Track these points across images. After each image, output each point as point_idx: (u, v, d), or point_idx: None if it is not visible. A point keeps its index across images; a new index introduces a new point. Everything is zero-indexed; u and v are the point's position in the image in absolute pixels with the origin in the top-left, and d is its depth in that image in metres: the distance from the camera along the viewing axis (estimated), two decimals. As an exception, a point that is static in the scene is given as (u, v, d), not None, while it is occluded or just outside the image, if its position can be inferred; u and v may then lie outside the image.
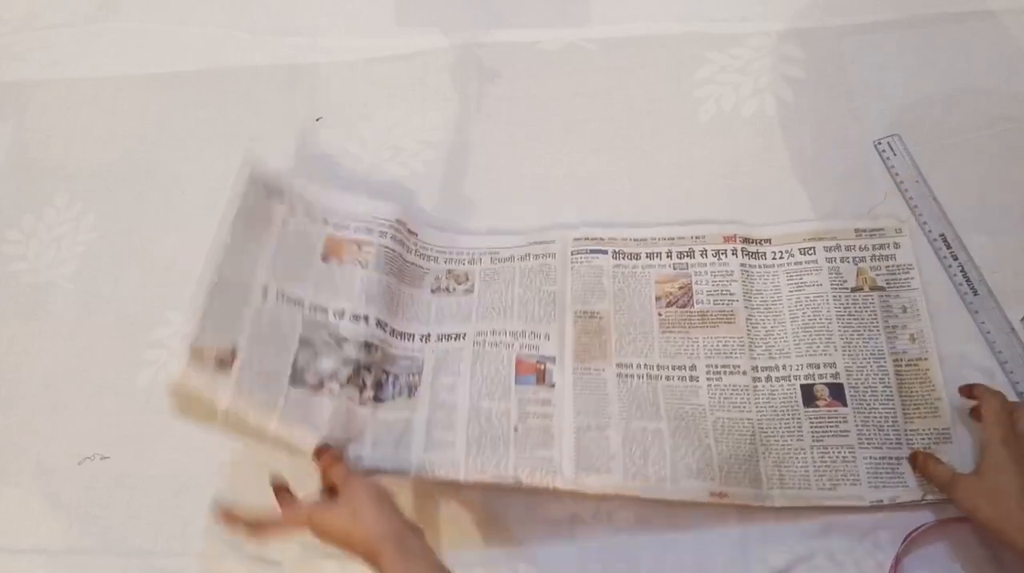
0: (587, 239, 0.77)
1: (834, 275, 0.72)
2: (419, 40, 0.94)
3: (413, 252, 0.77)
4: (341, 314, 0.70)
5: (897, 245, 0.72)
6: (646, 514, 0.67)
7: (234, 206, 0.69)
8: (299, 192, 0.74)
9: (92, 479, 0.75)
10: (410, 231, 0.78)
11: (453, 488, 0.69)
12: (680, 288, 0.74)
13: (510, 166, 0.85)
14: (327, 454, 0.64)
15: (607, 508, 0.68)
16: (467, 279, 0.77)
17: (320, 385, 0.67)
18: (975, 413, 0.63)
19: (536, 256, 0.77)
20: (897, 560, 0.62)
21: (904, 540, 0.62)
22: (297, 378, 0.66)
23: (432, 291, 0.76)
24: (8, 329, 0.85)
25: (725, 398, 0.69)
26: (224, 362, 0.63)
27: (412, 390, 0.71)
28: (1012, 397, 0.66)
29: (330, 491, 0.63)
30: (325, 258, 0.73)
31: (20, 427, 0.79)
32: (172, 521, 0.73)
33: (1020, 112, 0.78)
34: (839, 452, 0.66)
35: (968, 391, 0.65)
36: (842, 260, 0.73)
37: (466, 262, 0.78)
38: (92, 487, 0.75)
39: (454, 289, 0.76)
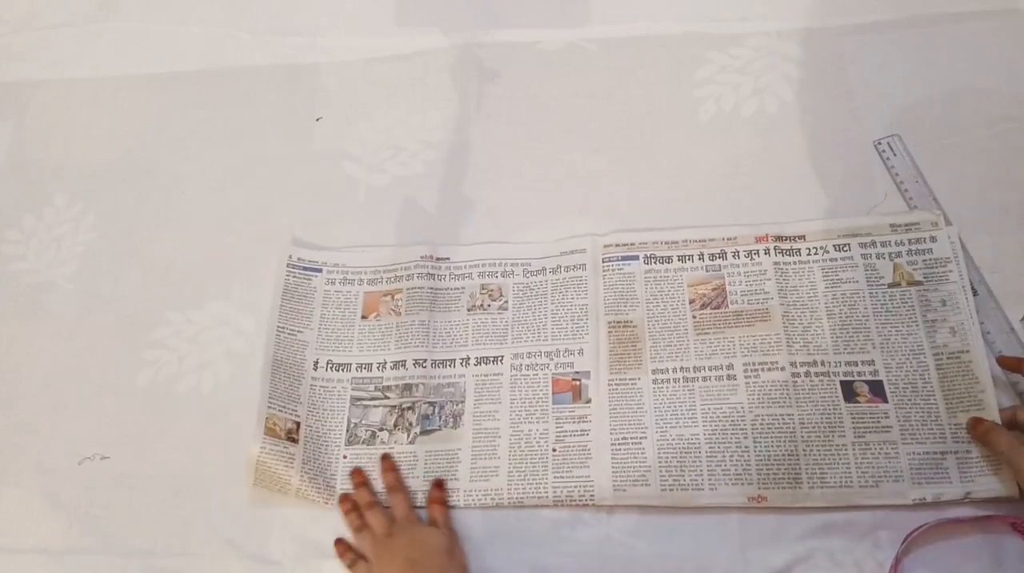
0: (617, 246, 0.77)
1: (870, 271, 0.72)
2: (419, 40, 0.94)
3: (446, 277, 0.79)
4: (383, 366, 0.75)
5: (934, 238, 0.72)
6: (646, 514, 0.67)
7: (279, 291, 0.79)
8: (334, 261, 0.81)
9: (92, 479, 0.76)
10: (438, 259, 0.79)
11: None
12: (714, 289, 0.74)
13: (510, 166, 0.85)
14: (435, 491, 0.69)
15: (607, 508, 0.68)
16: (501, 295, 0.78)
17: (372, 437, 0.73)
18: None
19: (568, 268, 0.77)
20: (897, 560, 0.62)
21: (904, 540, 0.62)
22: (352, 437, 0.73)
23: (468, 310, 0.77)
24: (8, 329, 0.84)
25: (764, 394, 0.68)
26: (292, 434, 0.72)
27: (457, 419, 0.73)
28: (1012, 397, 0.67)
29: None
30: (365, 317, 0.78)
31: (20, 427, 0.79)
32: (172, 521, 0.73)
33: (1020, 112, 0.78)
34: (881, 448, 0.65)
35: (1013, 364, 0.64)
36: (878, 256, 0.72)
37: (499, 275, 0.79)
38: (92, 487, 0.75)
39: (489, 306, 0.77)
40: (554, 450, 0.70)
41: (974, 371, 0.66)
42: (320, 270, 0.81)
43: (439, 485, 0.70)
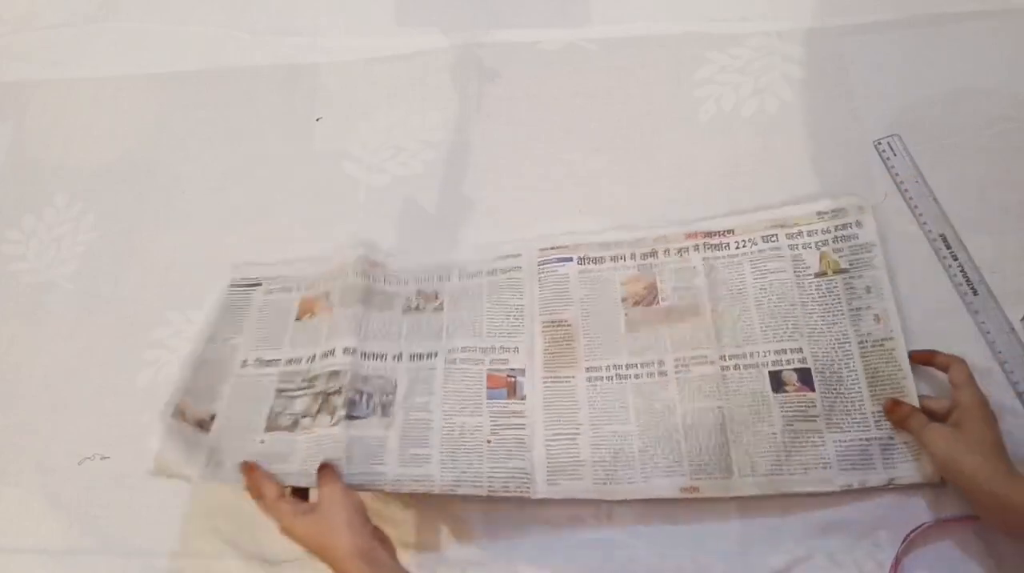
0: (552, 248, 0.78)
1: (797, 262, 0.73)
2: (419, 40, 0.94)
3: (381, 281, 0.78)
4: (312, 358, 0.74)
5: (859, 224, 0.73)
6: (646, 514, 0.67)
7: (216, 306, 0.79)
8: (275, 274, 0.81)
9: (92, 479, 0.76)
10: (373, 263, 0.79)
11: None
12: (645, 287, 0.75)
13: (510, 166, 0.85)
14: (327, 469, 0.65)
15: (607, 508, 0.68)
16: (436, 298, 0.78)
17: (295, 424, 0.70)
18: None
19: (503, 270, 0.78)
20: (897, 560, 0.62)
21: (904, 540, 0.62)
22: (272, 424, 0.71)
23: (403, 311, 0.77)
24: (8, 329, 0.85)
25: (694, 389, 0.69)
26: (203, 424, 0.71)
27: (386, 408, 0.71)
28: (1011, 397, 0.67)
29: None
30: (299, 318, 0.78)
31: (20, 427, 0.79)
32: (172, 521, 0.73)
33: (1020, 112, 0.78)
34: (809, 437, 0.66)
35: (925, 358, 0.66)
36: (804, 246, 0.73)
37: (435, 280, 0.79)
38: (92, 487, 0.75)
39: (424, 307, 0.78)
40: (489, 442, 0.69)
41: (896, 358, 0.67)
42: (260, 284, 0.81)
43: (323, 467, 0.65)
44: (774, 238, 0.74)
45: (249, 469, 0.65)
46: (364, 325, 0.75)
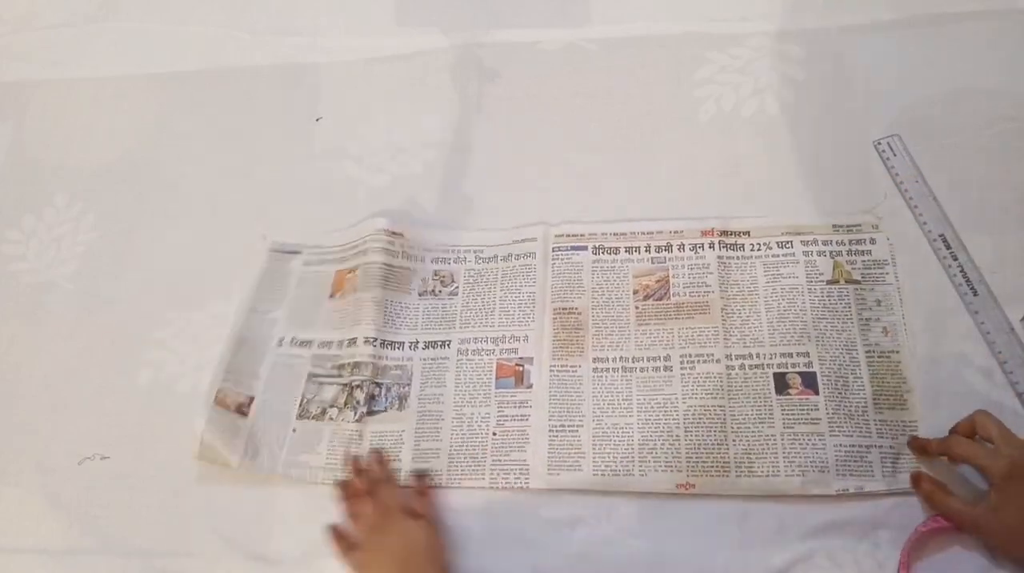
0: (568, 236, 0.79)
1: (810, 267, 0.73)
2: (419, 40, 0.94)
3: (400, 255, 0.80)
4: (341, 343, 0.77)
5: (873, 241, 0.73)
6: (646, 514, 0.67)
7: (256, 275, 0.81)
8: (314, 243, 0.83)
9: (92, 479, 0.75)
10: (394, 233, 0.80)
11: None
12: (657, 281, 0.75)
13: (510, 166, 0.85)
14: (420, 483, 0.69)
15: (607, 507, 0.68)
16: (452, 281, 0.79)
17: (322, 414, 0.74)
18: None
19: (518, 256, 0.79)
20: (906, 557, 0.61)
21: (908, 540, 0.62)
22: (304, 411, 0.74)
23: (419, 295, 0.79)
24: (8, 329, 0.85)
25: (698, 386, 0.70)
26: (242, 408, 0.74)
27: (403, 401, 0.74)
28: (1011, 397, 0.66)
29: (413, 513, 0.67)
30: (332, 295, 0.80)
31: (20, 427, 0.79)
32: (172, 521, 0.73)
33: (1020, 112, 0.78)
34: (809, 439, 0.66)
35: (921, 446, 0.64)
36: (819, 254, 0.74)
37: (451, 261, 0.80)
38: (92, 487, 0.75)
39: (440, 291, 0.79)
40: (494, 434, 0.71)
41: (902, 371, 0.68)
42: (300, 252, 0.83)
43: (421, 476, 0.70)
44: (789, 244, 0.74)
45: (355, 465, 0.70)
46: (384, 311, 0.77)
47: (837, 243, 0.74)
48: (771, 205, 0.78)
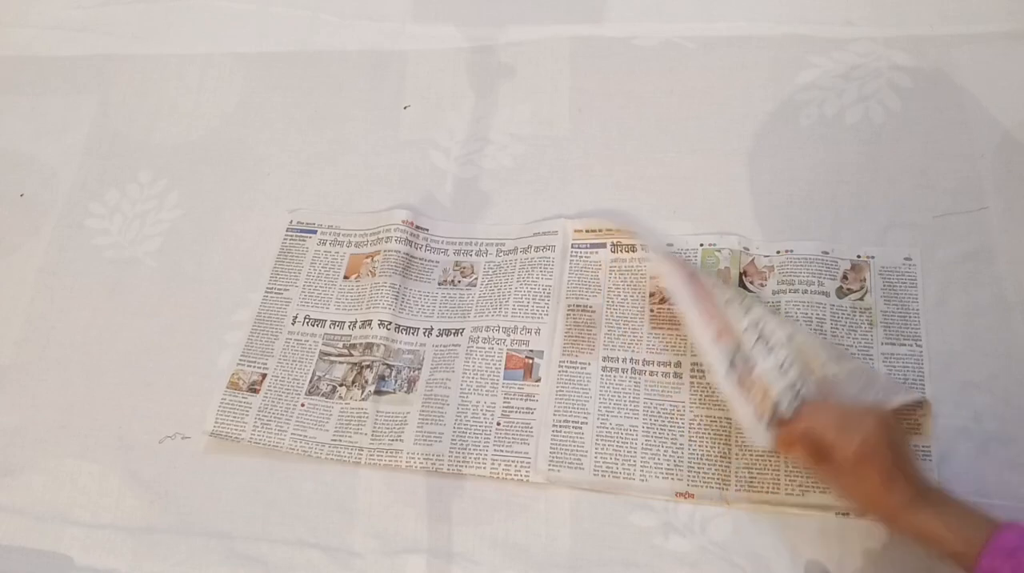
0: (588, 231, 0.78)
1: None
2: (511, 31, 0.93)
3: (423, 248, 0.81)
4: (354, 324, 0.78)
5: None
6: (739, 525, 0.65)
7: (273, 254, 0.83)
8: (329, 223, 0.84)
9: (173, 458, 0.75)
10: (418, 227, 0.81)
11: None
12: None
13: (602, 164, 0.83)
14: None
15: (700, 521, 0.66)
16: (472, 272, 0.79)
17: (332, 391, 0.75)
18: None
19: (537, 248, 0.78)
20: None
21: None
22: (313, 388, 0.75)
23: (439, 284, 0.80)
24: (90, 303, 0.85)
25: (706, 396, 0.69)
26: (254, 386, 0.76)
27: (412, 385, 0.75)
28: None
29: None
30: (347, 277, 0.81)
31: (102, 403, 0.79)
32: (253, 506, 0.72)
33: None
34: None
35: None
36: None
37: (473, 254, 0.80)
38: (173, 466, 0.75)
39: (459, 282, 0.79)
40: (498, 424, 0.71)
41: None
42: (315, 231, 0.83)
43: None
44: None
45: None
46: (401, 297, 0.78)
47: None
48: (873, 216, 0.75)
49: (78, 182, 0.92)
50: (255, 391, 0.76)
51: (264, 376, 0.76)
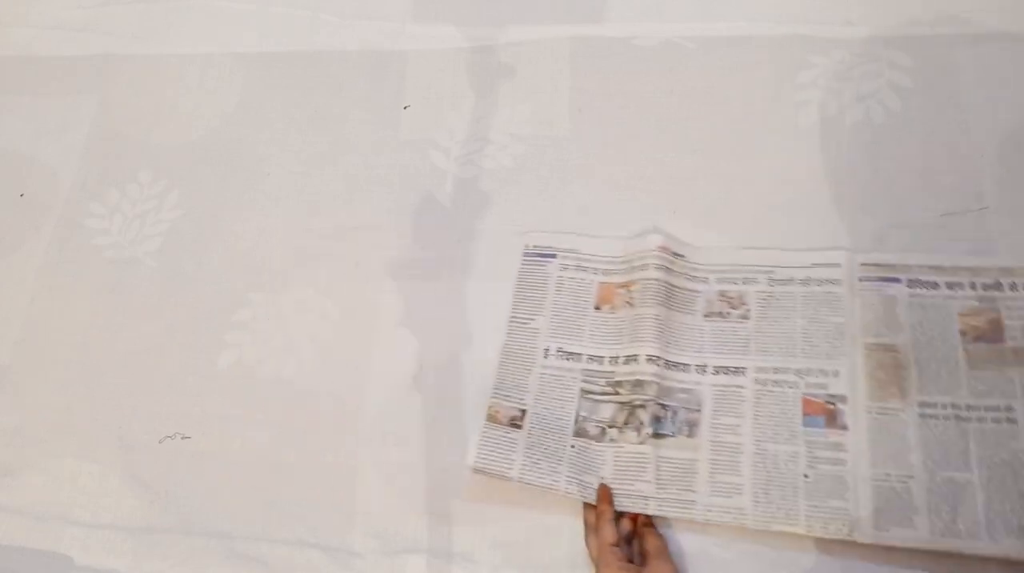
0: (876, 266, 0.72)
1: None
2: (511, 30, 0.93)
3: (681, 276, 0.75)
4: (615, 360, 0.72)
5: None
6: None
7: (515, 280, 0.78)
8: (567, 247, 0.79)
9: (173, 458, 0.75)
10: (675, 254, 0.76)
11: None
12: (988, 322, 0.68)
13: (602, 164, 0.83)
14: (661, 544, 0.63)
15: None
16: (742, 303, 0.73)
17: (602, 434, 0.70)
18: None
19: (819, 282, 0.73)
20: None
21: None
22: (580, 429, 0.70)
23: (705, 316, 0.74)
24: (90, 303, 0.85)
25: None
26: (515, 421, 0.71)
27: (692, 427, 0.69)
28: None
29: (642, 556, 0.63)
30: (598, 307, 0.76)
31: (102, 403, 0.79)
32: (253, 506, 0.72)
33: None
34: None
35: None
36: None
37: (740, 282, 0.75)
38: (173, 466, 0.75)
39: (728, 314, 0.73)
40: (806, 476, 0.65)
41: None
42: (555, 256, 0.79)
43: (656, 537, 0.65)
44: None
45: (604, 495, 0.65)
46: (666, 330, 0.72)
47: None
48: (876, 215, 0.75)
49: (78, 182, 0.92)
50: (517, 426, 0.71)
51: (524, 412, 0.71)
